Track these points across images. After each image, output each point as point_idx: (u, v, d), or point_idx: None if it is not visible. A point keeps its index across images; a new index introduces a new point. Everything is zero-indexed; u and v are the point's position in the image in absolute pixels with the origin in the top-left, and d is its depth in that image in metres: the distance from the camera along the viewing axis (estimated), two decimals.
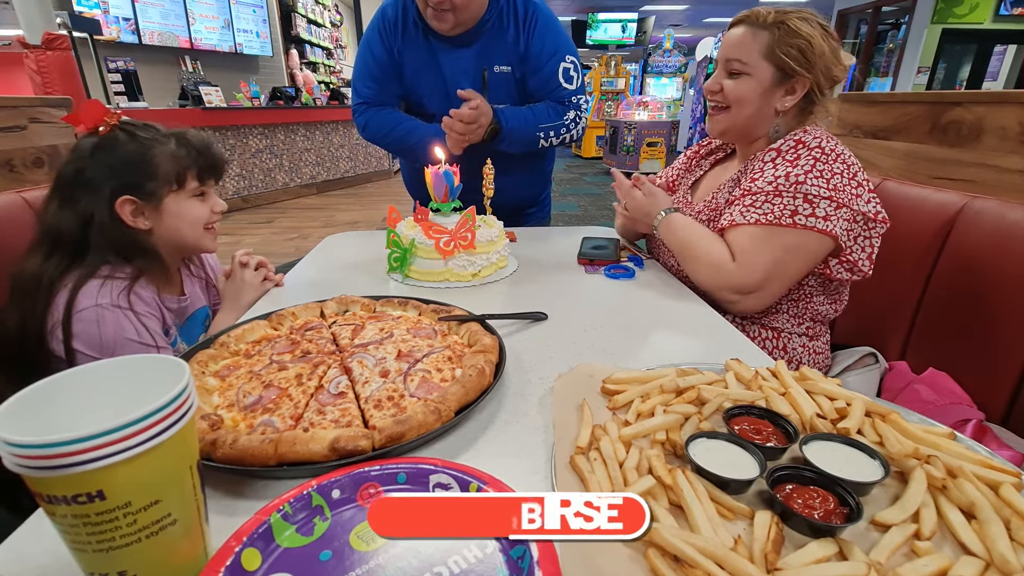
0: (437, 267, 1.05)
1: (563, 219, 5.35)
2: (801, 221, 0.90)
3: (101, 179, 0.87)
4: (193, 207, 0.96)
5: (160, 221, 0.93)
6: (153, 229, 0.93)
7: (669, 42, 11.77)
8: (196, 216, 0.96)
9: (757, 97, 0.99)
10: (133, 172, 0.89)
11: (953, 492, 0.44)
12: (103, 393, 0.39)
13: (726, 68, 1.01)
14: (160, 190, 0.91)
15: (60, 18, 4.14)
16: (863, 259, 0.94)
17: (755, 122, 1.02)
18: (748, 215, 0.94)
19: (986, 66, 8.31)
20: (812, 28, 0.95)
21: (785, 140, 0.97)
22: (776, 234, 0.91)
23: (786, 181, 0.91)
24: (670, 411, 0.55)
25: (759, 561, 0.38)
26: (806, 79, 0.96)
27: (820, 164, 0.90)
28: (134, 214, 0.90)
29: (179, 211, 0.94)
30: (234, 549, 0.39)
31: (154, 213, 0.92)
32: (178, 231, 0.95)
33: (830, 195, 0.89)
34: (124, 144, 0.89)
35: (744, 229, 0.94)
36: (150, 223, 0.92)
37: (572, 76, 1.42)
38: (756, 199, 0.94)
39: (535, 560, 0.38)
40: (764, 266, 0.92)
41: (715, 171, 1.20)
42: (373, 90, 1.45)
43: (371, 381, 0.64)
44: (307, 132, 6.42)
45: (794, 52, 0.94)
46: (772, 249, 0.91)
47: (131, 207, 0.89)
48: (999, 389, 0.92)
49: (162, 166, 0.90)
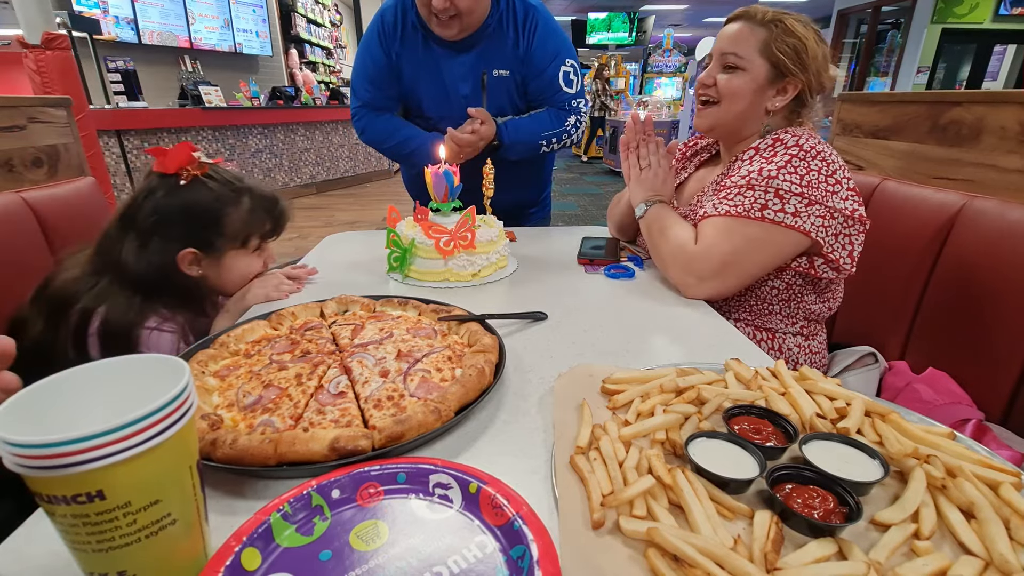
0: (437, 267, 1.05)
1: (563, 219, 5.35)
2: (769, 216, 0.90)
3: (175, 230, 0.89)
4: (249, 263, 0.98)
5: (215, 272, 0.95)
6: (206, 275, 0.94)
7: (669, 42, 11.78)
8: (248, 272, 0.98)
9: (750, 93, 0.99)
10: (205, 228, 0.91)
11: (953, 492, 0.44)
12: (103, 393, 0.39)
13: (721, 62, 1.01)
14: (225, 246, 0.93)
15: (59, 18, 4.13)
16: (844, 257, 0.94)
17: (744, 120, 1.02)
18: (720, 207, 0.94)
19: (986, 66, 8.31)
20: (807, 31, 0.96)
21: (764, 139, 0.97)
22: (742, 225, 0.92)
23: (759, 176, 0.92)
24: (670, 411, 0.55)
25: (759, 561, 0.38)
26: (798, 80, 0.97)
27: (796, 161, 0.90)
28: (191, 263, 0.91)
29: (235, 266, 0.96)
30: (234, 549, 0.39)
31: (211, 265, 0.94)
32: (229, 282, 0.97)
33: (801, 191, 0.89)
34: (203, 196, 0.90)
35: (713, 219, 0.95)
36: (204, 272, 0.94)
37: (572, 80, 1.42)
38: (729, 192, 0.95)
39: (535, 560, 0.38)
40: (723, 254, 0.92)
41: (700, 173, 1.20)
42: (372, 93, 1.45)
43: (371, 381, 0.64)
44: (307, 132, 6.42)
45: (789, 51, 0.95)
46: (734, 238, 0.92)
47: (191, 258, 0.91)
48: (999, 389, 0.92)
49: (232, 225, 0.92)
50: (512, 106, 1.45)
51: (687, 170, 1.24)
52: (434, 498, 0.46)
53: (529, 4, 1.37)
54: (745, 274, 0.95)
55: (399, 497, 0.47)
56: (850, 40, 9.60)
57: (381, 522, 0.44)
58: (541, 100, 1.45)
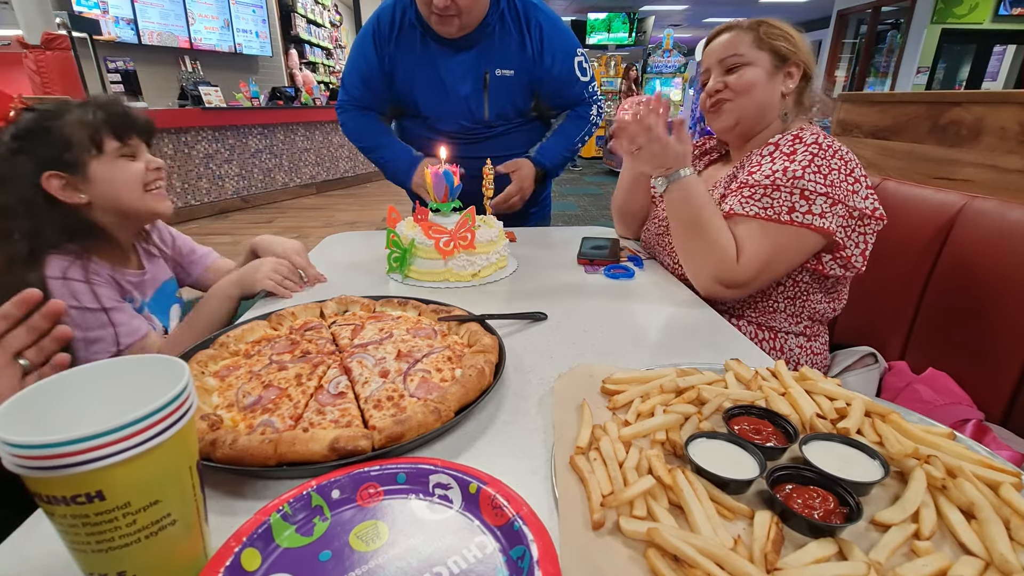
0: (437, 267, 1.05)
1: (563, 219, 5.35)
2: (798, 218, 0.90)
3: (21, 164, 0.87)
4: (124, 168, 0.94)
5: (94, 190, 0.91)
6: (92, 202, 0.92)
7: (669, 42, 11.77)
8: (129, 177, 0.94)
9: (764, 80, 1.01)
10: (46, 146, 0.88)
11: (953, 492, 0.44)
12: (103, 393, 0.39)
13: (723, 67, 1.03)
14: (80, 158, 0.89)
15: (59, 18, 4.14)
16: (856, 255, 0.94)
17: (765, 108, 1.03)
18: (747, 207, 0.94)
19: (985, 66, 8.31)
20: (786, 24, 1.03)
21: (783, 135, 0.98)
22: (772, 230, 0.92)
23: (784, 176, 0.91)
24: (670, 411, 0.55)
25: (759, 561, 0.38)
26: (799, 61, 1.01)
27: (818, 160, 0.91)
28: (64, 189, 0.89)
29: (110, 176, 0.92)
30: (234, 549, 0.39)
31: (85, 184, 0.91)
32: (116, 197, 0.93)
33: (826, 191, 0.89)
34: (31, 122, 0.89)
35: (742, 221, 0.95)
36: (85, 196, 0.91)
37: (585, 68, 1.47)
38: (755, 192, 0.94)
39: (535, 560, 0.38)
40: (757, 264, 0.92)
41: (710, 171, 1.20)
42: (361, 92, 1.47)
43: (371, 381, 0.64)
44: (307, 132, 6.42)
45: (781, 40, 1.01)
46: (766, 246, 0.92)
47: (58, 182, 0.88)
48: (999, 389, 0.92)
49: (74, 134, 0.89)
50: (514, 106, 1.45)
51: (696, 168, 1.24)
52: (434, 498, 0.46)
53: (529, 2, 1.37)
54: (773, 277, 0.96)
55: (399, 497, 0.47)
56: (850, 40, 9.60)
57: (381, 522, 0.44)
58: (558, 98, 1.47)
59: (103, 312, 0.89)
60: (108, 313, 0.89)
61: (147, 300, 1.02)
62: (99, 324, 0.89)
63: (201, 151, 5.10)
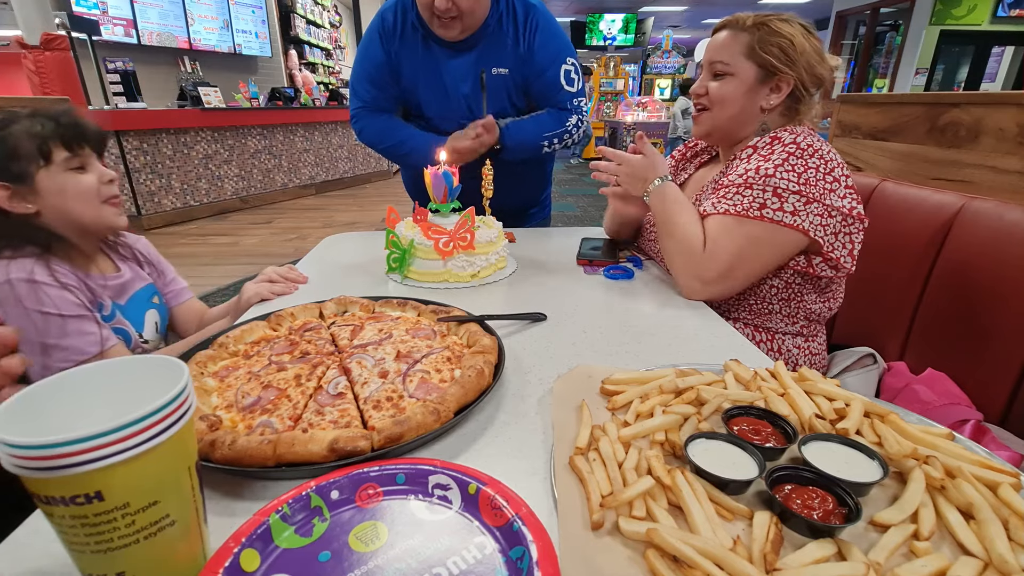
0: (436, 268, 1.05)
1: (563, 220, 5.35)
2: (768, 215, 0.90)
3: None
4: (74, 180, 0.93)
5: (42, 201, 0.91)
6: (40, 211, 0.91)
7: (668, 43, 11.79)
8: (82, 189, 0.93)
9: (740, 96, 1.01)
10: None
11: (952, 492, 0.44)
12: (102, 393, 0.39)
13: (711, 70, 1.04)
14: (27, 169, 0.89)
15: (59, 18, 4.14)
16: (844, 256, 0.95)
17: (739, 122, 1.04)
18: (719, 205, 0.95)
19: (984, 67, 8.33)
20: (793, 28, 0.98)
21: (762, 137, 0.98)
22: (742, 224, 0.92)
23: (756, 174, 0.92)
24: (669, 412, 0.55)
25: (758, 561, 0.38)
26: (789, 77, 0.98)
27: (793, 159, 0.91)
28: (11, 199, 0.88)
29: (59, 187, 0.91)
30: (233, 550, 0.39)
31: (32, 194, 0.90)
32: (66, 208, 0.93)
33: (799, 189, 0.89)
34: None
35: (713, 218, 0.96)
36: (34, 206, 0.91)
37: (573, 79, 1.43)
38: (728, 191, 0.95)
39: (534, 560, 0.38)
40: (728, 256, 0.93)
41: (700, 173, 1.21)
42: (372, 94, 1.46)
43: (370, 382, 0.64)
44: (306, 133, 6.42)
45: (775, 51, 0.97)
46: (736, 239, 0.92)
47: (3, 192, 0.88)
48: (997, 389, 0.92)
49: (21, 144, 0.88)
50: (511, 104, 1.45)
51: (687, 171, 1.25)
52: (433, 499, 0.46)
53: (529, 3, 1.38)
54: (750, 275, 0.96)
55: (398, 498, 0.47)
56: (849, 41, 9.62)
57: (380, 523, 0.44)
58: (543, 100, 1.45)
59: (61, 319, 0.88)
60: (67, 322, 0.88)
61: (122, 303, 1.01)
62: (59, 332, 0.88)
63: (200, 152, 5.10)
